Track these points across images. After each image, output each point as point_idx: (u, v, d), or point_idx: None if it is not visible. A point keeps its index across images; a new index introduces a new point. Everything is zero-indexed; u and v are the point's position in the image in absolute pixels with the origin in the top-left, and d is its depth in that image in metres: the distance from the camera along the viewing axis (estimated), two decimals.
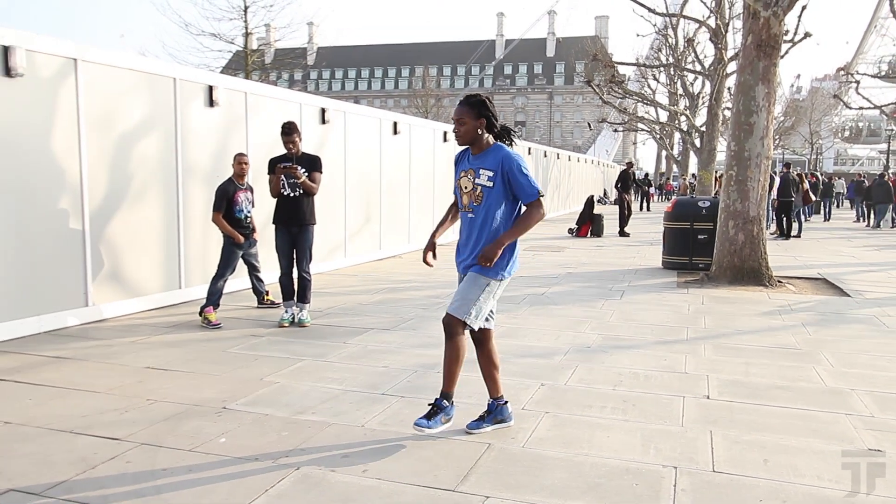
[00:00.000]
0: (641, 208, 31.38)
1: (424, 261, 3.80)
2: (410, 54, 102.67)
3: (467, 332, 3.66)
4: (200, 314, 6.50)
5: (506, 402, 3.87)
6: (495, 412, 3.83)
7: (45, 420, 3.92)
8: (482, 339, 3.78)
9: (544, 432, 3.82)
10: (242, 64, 26.43)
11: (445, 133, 14.34)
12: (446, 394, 3.68)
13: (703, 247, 10.44)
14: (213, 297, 6.52)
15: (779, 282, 9.25)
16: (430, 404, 3.70)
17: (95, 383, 4.62)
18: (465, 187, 3.70)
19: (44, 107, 6.07)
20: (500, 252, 3.58)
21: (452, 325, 3.60)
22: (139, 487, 3.10)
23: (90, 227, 6.50)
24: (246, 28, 25.54)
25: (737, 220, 9.29)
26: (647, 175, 40.75)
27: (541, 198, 3.62)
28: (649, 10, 20.46)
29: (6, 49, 5.66)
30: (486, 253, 3.56)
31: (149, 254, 7.20)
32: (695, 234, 10.60)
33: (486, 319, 3.74)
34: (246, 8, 25.09)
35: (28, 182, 5.94)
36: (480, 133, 3.64)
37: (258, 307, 7.34)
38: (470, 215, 3.69)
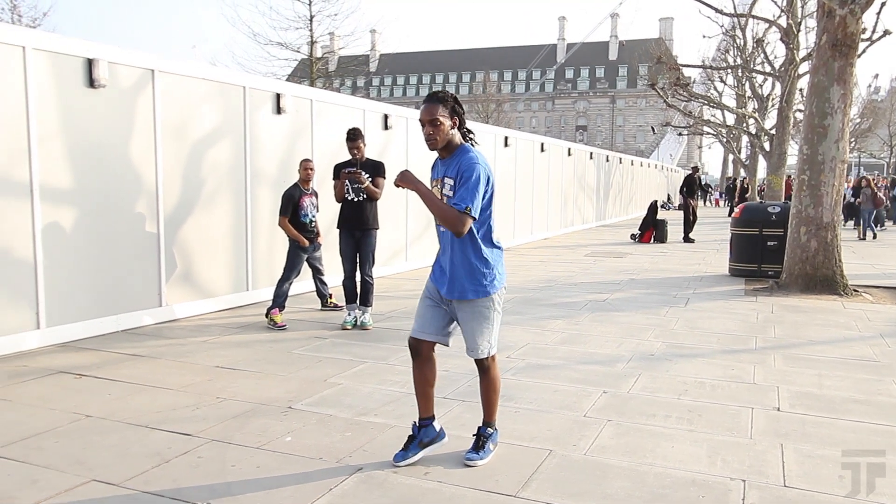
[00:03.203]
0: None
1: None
2: (471, 60, 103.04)
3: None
4: (267, 316, 6.69)
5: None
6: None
7: (123, 414, 4.11)
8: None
9: (607, 440, 3.77)
10: (307, 72, 27.13)
11: (507, 138, 14.38)
12: (489, 422, 3.56)
13: (772, 254, 10.10)
14: (279, 299, 6.70)
15: (854, 290, 8.86)
16: (475, 435, 3.55)
17: (169, 380, 4.82)
18: None
19: (123, 116, 6.37)
20: (415, 184, 3.23)
21: (482, 362, 3.50)
22: (210, 481, 3.22)
23: (164, 230, 6.78)
24: (311, 37, 26.22)
25: (809, 227, 8.95)
26: (739, 181, 39.20)
27: (465, 215, 3.15)
28: (716, 10, 19.83)
29: (90, 62, 5.97)
30: (405, 176, 3.26)
31: (218, 256, 7.46)
32: (764, 241, 10.26)
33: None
34: (311, 17, 25.79)
35: (108, 187, 6.25)
36: (453, 133, 3.30)
37: (321, 310, 7.50)
38: (442, 229, 3.37)
